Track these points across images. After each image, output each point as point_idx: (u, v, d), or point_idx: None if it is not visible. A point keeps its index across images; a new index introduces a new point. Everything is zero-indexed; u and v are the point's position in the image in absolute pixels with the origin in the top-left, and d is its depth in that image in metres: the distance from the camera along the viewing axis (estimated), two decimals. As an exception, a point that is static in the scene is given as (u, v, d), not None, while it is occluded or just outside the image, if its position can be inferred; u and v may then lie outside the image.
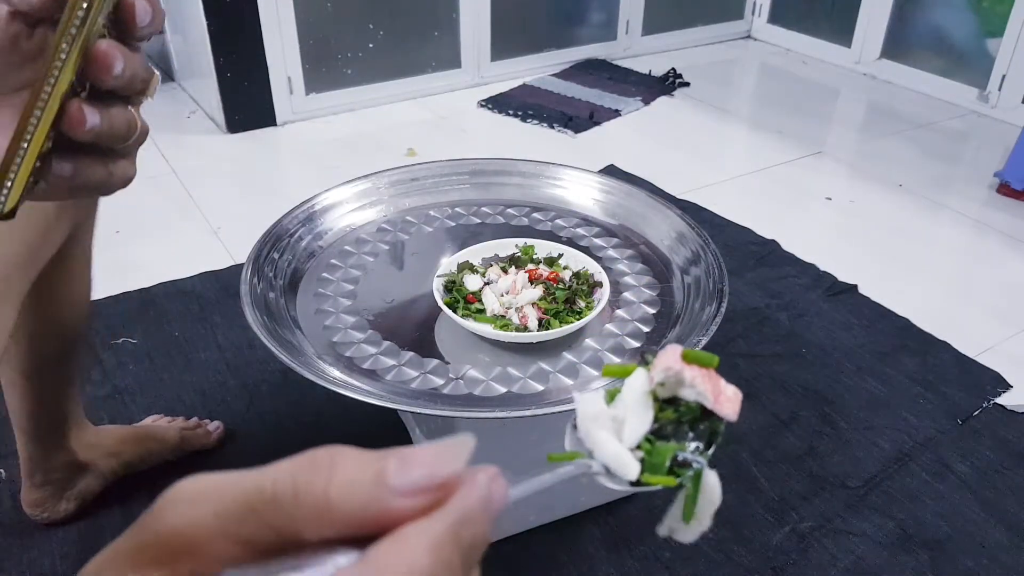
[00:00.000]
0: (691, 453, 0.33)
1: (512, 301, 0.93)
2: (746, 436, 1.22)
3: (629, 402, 0.34)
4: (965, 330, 1.48)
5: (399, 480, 0.22)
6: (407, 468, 0.22)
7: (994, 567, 1.03)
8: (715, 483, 0.34)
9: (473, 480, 0.23)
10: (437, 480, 0.22)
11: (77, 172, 0.38)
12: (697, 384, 0.34)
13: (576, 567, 1.01)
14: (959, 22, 2.60)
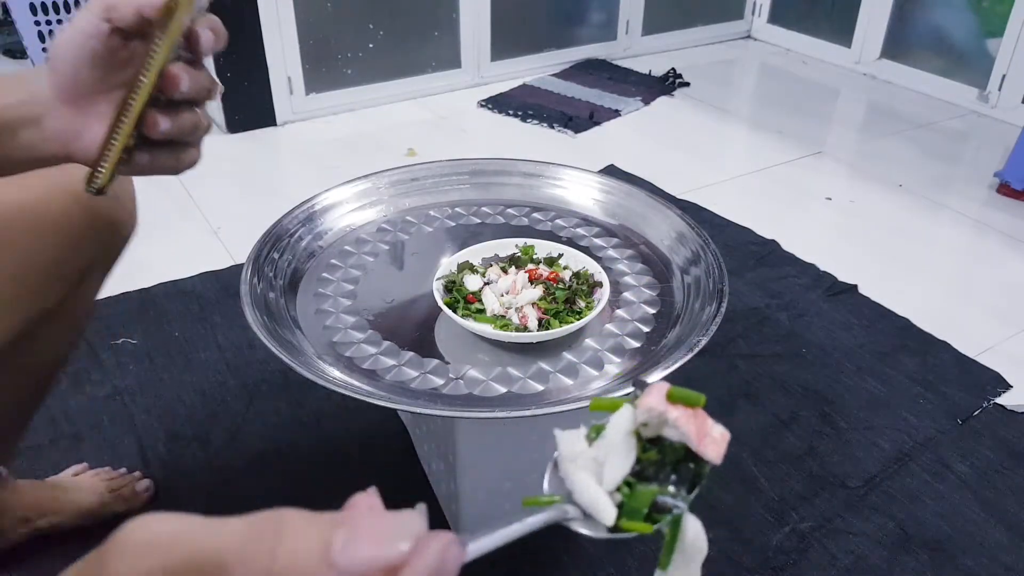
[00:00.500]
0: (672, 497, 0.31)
1: (512, 301, 0.93)
2: (746, 436, 1.22)
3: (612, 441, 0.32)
4: (965, 330, 1.48)
5: (345, 560, 0.22)
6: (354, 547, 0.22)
7: (994, 567, 1.03)
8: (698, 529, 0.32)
9: (424, 551, 0.22)
10: (383, 563, 0.22)
11: (153, 160, 0.52)
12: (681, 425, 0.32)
13: (576, 567, 1.01)
14: (959, 22, 2.60)
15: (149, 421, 1.22)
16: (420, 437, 1.12)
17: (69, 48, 0.49)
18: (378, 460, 1.16)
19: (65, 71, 0.50)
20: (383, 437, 1.19)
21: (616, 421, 0.33)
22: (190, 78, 0.49)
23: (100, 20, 0.48)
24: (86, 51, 0.49)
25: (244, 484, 1.12)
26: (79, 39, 0.49)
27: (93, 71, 0.50)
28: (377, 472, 1.14)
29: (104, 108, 0.51)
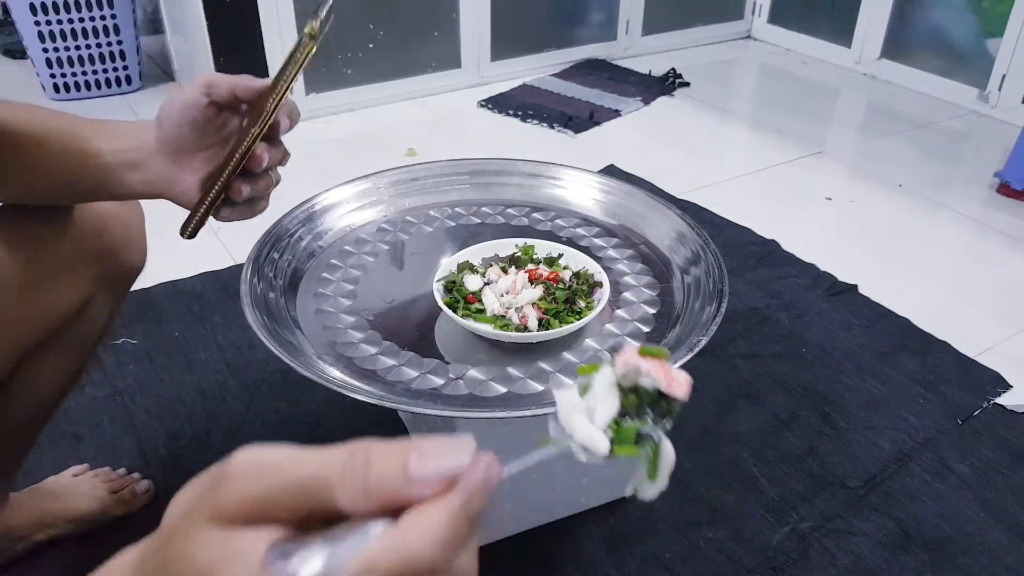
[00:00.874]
0: (651, 428, 0.41)
1: (512, 301, 0.93)
2: (746, 436, 1.22)
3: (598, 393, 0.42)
4: (965, 330, 1.48)
5: (420, 471, 0.28)
6: (425, 462, 0.28)
7: (994, 567, 1.03)
8: (670, 449, 0.41)
9: (475, 466, 0.29)
10: (448, 474, 0.28)
11: (233, 212, 0.67)
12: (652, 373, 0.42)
13: (576, 567, 1.01)
14: (959, 22, 2.60)
15: (149, 421, 1.22)
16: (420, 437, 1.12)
17: (174, 112, 0.63)
18: (378, 460, 1.16)
19: (169, 130, 0.63)
20: (383, 437, 1.19)
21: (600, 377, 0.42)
22: (270, 156, 0.64)
23: (201, 94, 0.62)
24: (187, 117, 0.63)
25: (244, 484, 1.12)
26: (183, 106, 0.63)
27: (191, 133, 0.63)
28: (377, 472, 1.14)
29: (197, 163, 0.65)
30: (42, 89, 2.44)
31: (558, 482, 1.02)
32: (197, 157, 0.65)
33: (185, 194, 0.66)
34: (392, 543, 0.27)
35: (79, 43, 2.37)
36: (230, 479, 0.29)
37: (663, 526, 1.07)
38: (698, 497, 1.11)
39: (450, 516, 0.28)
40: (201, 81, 0.63)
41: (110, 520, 1.04)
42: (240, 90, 0.63)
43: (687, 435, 1.22)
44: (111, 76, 2.47)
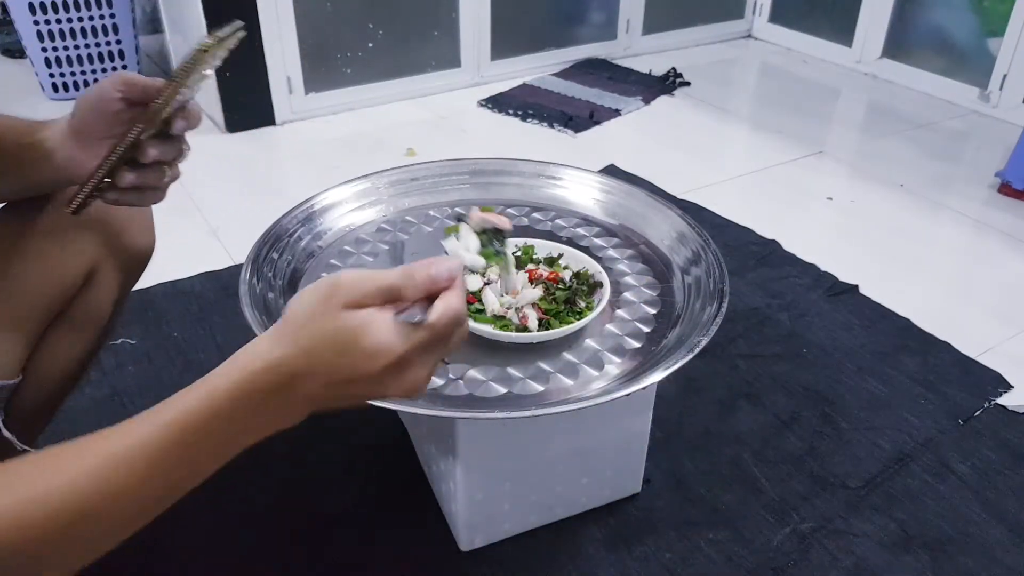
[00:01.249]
0: (499, 247, 0.78)
1: (512, 301, 0.92)
2: (746, 436, 1.22)
3: (466, 236, 0.74)
4: (966, 330, 1.48)
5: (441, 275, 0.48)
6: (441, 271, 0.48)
7: (995, 567, 1.02)
8: (512, 257, 0.81)
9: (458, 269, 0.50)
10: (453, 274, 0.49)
11: (119, 197, 0.71)
12: (490, 219, 0.76)
13: (576, 567, 1.01)
14: (960, 22, 2.60)
15: (148, 421, 1.22)
16: (420, 437, 1.12)
17: (89, 103, 0.69)
18: (378, 460, 1.16)
19: (81, 117, 0.70)
20: (383, 437, 1.19)
21: (463, 229, 0.74)
22: (160, 151, 0.68)
23: (115, 90, 0.69)
24: (99, 108, 0.69)
25: (244, 484, 1.12)
26: (97, 99, 0.69)
27: (100, 122, 0.69)
28: (377, 472, 1.14)
29: (98, 150, 0.69)
30: (41, 89, 2.44)
31: (558, 482, 1.02)
32: (98, 145, 0.70)
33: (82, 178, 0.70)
34: (444, 303, 0.48)
35: (78, 42, 2.37)
36: (344, 286, 0.46)
37: (663, 526, 1.06)
38: (698, 497, 1.11)
39: (460, 291, 0.50)
40: (119, 77, 0.69)
41: None
42: (151, 90, 0.68)
43: (687, 435, 1.22)
44: (111, 76, 2.47)
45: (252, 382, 0.45)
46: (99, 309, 0.88)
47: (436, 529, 1.05)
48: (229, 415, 0.45)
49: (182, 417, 0.44)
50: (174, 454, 0.44)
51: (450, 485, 0.98)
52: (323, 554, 1.02)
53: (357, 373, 0.46)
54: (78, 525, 0.43)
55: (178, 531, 1.05)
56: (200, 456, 0.45)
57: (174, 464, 0.44)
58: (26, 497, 0.42)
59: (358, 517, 1.07)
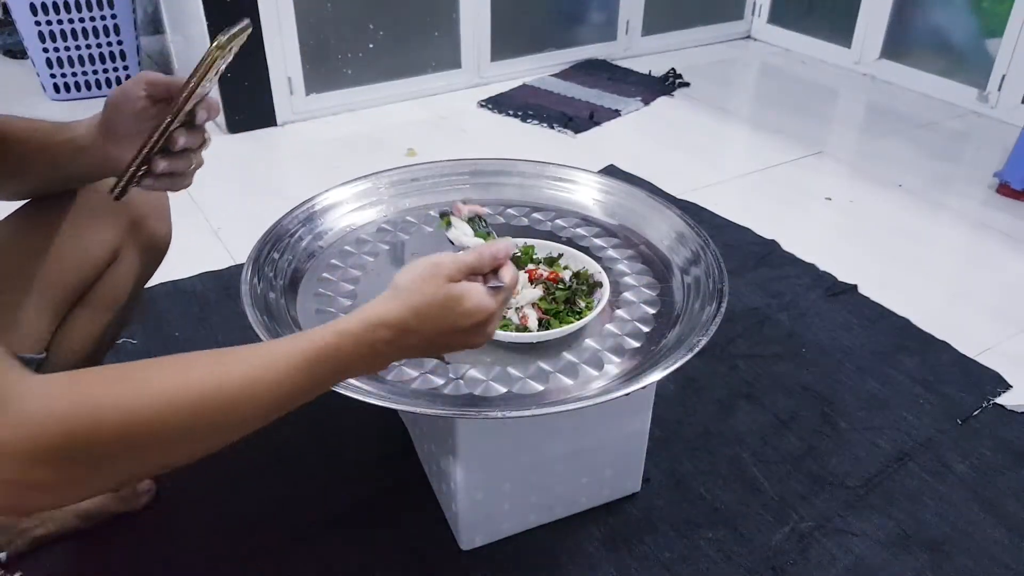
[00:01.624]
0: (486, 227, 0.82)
1: (512, 301, 0.93)
2: (746, 436, 1.22)
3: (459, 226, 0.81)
4: (965, 330, 1.48)
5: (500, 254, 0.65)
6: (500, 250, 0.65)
7: (994, 567, 1.03)
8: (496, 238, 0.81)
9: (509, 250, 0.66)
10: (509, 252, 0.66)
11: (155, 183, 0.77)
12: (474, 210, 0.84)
13: (576, 567, 1.01)
14: (959, 22, 2.60)
15: (149, 421, 1.22)
16: (420, 437, 1.12)
17: (116, 102, 0.76)
18: (378, 460, 1.16)
19: (112, 117, 0.77)
20: (383, 437, 1.19)
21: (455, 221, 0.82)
22: (186, 140, 0.74)
23: (140, 89, 0.76)
24: (127, 107, 0.76)
25: (244, 484, 1.12)
26: (124, 98, 0.76)
27: (129, 120, 0.76)
28: (377, 472, 1.14)
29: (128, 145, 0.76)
30: (42, 89, 2.44)
31: (558, 482, 1.02)
32: (129, 140, 0.76)
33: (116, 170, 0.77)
34: (510, 272, 0.65)
35: (79, 43, 2.37)
36: (445, 264, 0.61)
37: (662, 525, 1.07)
38: (697, 496, 1.12)
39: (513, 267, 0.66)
40: (142, 78, 0.76)
41: (110, 517, 1.05)
42: (174, 88, 0.75)
43: (687, 435, 1.22)
44: (111, 76, 2.47)
45: (373, 332, 0.59)
46: (118, 290, 0.94)
47: (436, 529, 1.05)
48: (349, 353, 0.58)
49: (313, 345, 0.57)
50: (303, 369, 0.56)
51: (450, 485, 0.98)
52: (323, 554, 1.02)
53: (457, 327, 0.61)
54: (222, 410, 0.54)
55: (179, 532, 1.06)
56: (319, 377, 0.58)
57: (300, 377, 0.56)
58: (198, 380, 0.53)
59: (358, 517, 1.07)
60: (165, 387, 0.52)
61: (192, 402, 0.52)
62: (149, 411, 0.51)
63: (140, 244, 0.95)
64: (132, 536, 1.04)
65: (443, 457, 0.99)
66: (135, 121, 0.76)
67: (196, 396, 0.52)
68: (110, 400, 0.50)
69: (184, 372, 0.54)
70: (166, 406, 0.51)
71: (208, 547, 1.03)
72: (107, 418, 0.49)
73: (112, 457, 0.50)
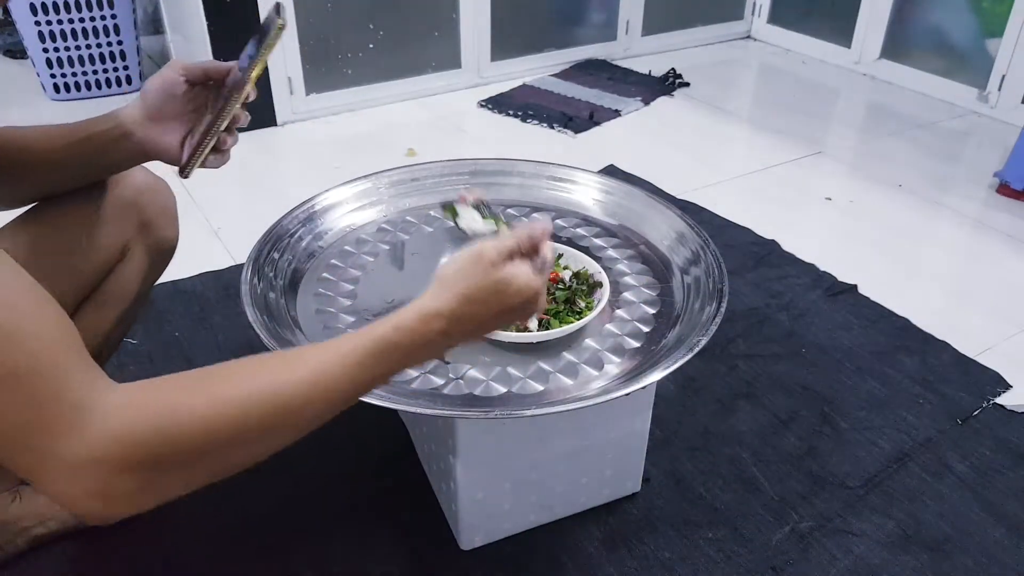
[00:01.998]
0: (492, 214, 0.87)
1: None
2: (746, 436, 1.22)
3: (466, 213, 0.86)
4: (965, 330, 1.48)
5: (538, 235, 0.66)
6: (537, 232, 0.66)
7: (994, 567, 1.03)
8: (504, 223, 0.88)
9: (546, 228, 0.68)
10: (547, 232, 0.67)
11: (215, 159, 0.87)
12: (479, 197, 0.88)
13: (576, 566, 1.01)
14: (959, 22, 2.60)
15: (149, 421, 1.22)
16: (420, 437, 1.12)
17: (156, 89, 0.82)
18: (378, 460, 1.16)
19: (153, 102, 0.82)
20: (383, 437, 1.19)
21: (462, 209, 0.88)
22: (245, 118, 0.83)
23: (178, 75, 0.82)
24: (167, 92, 0.82)
25: (244, 484, 1.12)
26: (163, 84, 0.82)
27: (170, 104, 0.83)
28: (377, 472, 1.14)
29: (175, 126, 0.84)
30: (42, 89, 2.44)
31: (558, 482, 1.02)
32: (175, 122, 0.84)
33: (168, 150, 0.84)
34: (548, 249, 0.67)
35: (79, 43, 2.37)
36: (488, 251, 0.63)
37: (662, 525, 1.07)
38: (697, 496, 1.12)
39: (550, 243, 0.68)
40: (178, 64, 0.82)
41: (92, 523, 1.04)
42: (212, 71, 0.83)
43: (687, 435, 1.22)
44: (111, 76, 2.47)
45: (428, 324, 0.61)
46: (124, 288, 0.96)
47: (436, 529, 1.05)
48: (407, 346, 0.60)
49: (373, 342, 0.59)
50: (366, 365, 0.59)
51: (450, 485, 0.98)
52: (323, 554, 1.02)
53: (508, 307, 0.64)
54: (291, 410, 0.57)
55: (179, 532, 1.06)
56: (380, 371, 0.60)
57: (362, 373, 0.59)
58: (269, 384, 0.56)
59: (358, 517, 1.07)
60: (239, 392, 0.55)
61: (263, 405, 0.55)
62: (226, 418, 0.53)
63: (148, 245, 0.98)
64: (132, 536, 1.04)
65: (443, 457, 0.99)
66: (179, 105, 0.83)
67: (268, 399, 0.55)
68: (188, 409, 0.53)
69: (254, 376, 0.57)
70: (240, 412, 0.54)
71: (208, 547, 1.03)
72: (187, 427, 0.52)
73: (191, 464, 0.53)
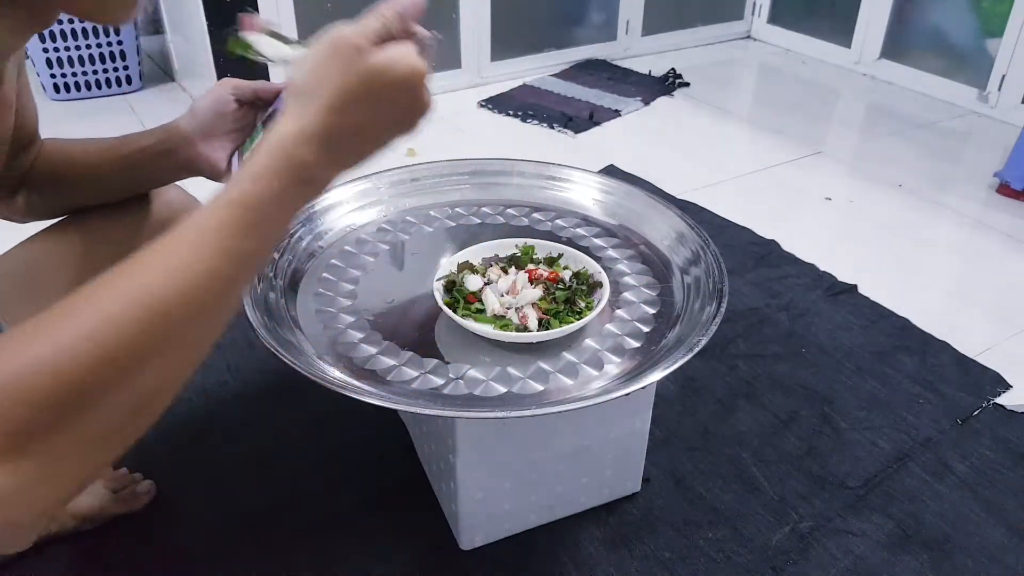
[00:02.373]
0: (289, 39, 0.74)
1: (512, 301, 0.93)
2: (746, 436, 1.22)
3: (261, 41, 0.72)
4: (965, 330, 1.48)
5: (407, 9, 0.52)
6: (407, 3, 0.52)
7: (994, 567, 1.03)
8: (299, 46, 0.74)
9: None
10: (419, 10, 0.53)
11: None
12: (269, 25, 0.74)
13: (576, 566, 1.01)
14: (959, 22, 2.60)
15: (149, 421, 1.22)
16: (420, 437, 1.12)
17: (207, 107, 0.84)
18: (378, 460, 1.16)
19: (203, 121, 0.84)
20: (383, 437, 1.19)
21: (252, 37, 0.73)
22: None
23: (228, 93, 0.84)
24: (217, 110, 0.84)
25: (244, 484, 1.12)
26: (213, 102, 0.84)
27: (219, 122, 0.84)
28: (377, 472, 1.14)
29: (222, 143, 0.85)
30: (42, 89, 2.44)
31: (558, 482, 1.02)
32: (223, 140, 0.85)
33: (215, 167, 0.85)
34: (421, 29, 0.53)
35: (79, 43, 2.37)
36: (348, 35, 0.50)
37: (662, 525, 1.07)
38: (697, 496, 1.12)
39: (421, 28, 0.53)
40: (229, 84, 0.84)
41: (109, 518, 1.05)
42: (261, 91, 0.85)
43: (687, 435, 1.22)
44: (111, 76, 2.47)
45: (292, 158, 0.48)
46: None
47: (436, 529, 1.05)
48: (277, 193, 0.48)
49: (229, 210, 0.46)
50: (235, 236, 0.46)
51: (450, 485, 0.98)
52: (323, 554, 1.02)
53: (394, 103, 0.51)
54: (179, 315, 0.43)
55: (179, 531, 1.06)
56: (257, 234, 0.47)
57: (235, 245, 0.46)
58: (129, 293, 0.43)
59: (358, 517, 1.07)
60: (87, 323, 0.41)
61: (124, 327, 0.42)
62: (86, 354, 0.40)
63: None
64: (132, 536, 1.04)
65: (443, 457, 0.99)
66: (228, 123, 0.85)
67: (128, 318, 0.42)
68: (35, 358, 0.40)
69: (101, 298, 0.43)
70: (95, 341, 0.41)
71: (208, 547, 1.03)
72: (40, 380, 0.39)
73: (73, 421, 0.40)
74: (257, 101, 0.85)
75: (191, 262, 0.44)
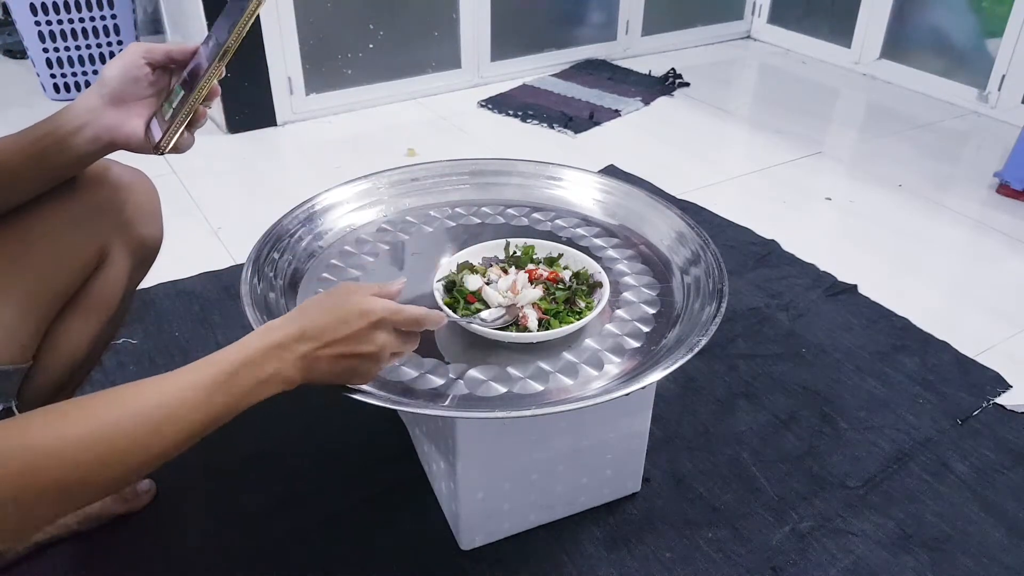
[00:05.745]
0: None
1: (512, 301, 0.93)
2: (746, 436, 1.22)
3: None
4: (965, 330, 1.48)
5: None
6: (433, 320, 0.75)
7: (994, 567, 1.03)
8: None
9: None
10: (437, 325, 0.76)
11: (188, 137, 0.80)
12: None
13: (576, 566, 1.01)
14: (959, 22, 2.60)
15: (149, 421, 1.22)
16: (420, 437, 1.12)
17: (117, 71, 0.79)
18: (378, 460, 1.16)
19: (113, 87, 0.79)
20: (383, 437, 1.19)
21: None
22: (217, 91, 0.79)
23: (140, 57, 0.80)
24: (129, 76, 0.79)
25: (244, 484, 1.12)
26: (124, 68, 0.79)
27: (132, 87, 0.80)
28: (377, 472, 1.14)
29: (137, 110, 0.80)
30: (42, 89, 2.44)
31: (558, 482, 1.02)
32: (136, 106, 0.81)
33: (132, 135, 0.80)
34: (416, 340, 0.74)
35: (79, 43, 2.37)
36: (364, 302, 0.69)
37: (662, 525, 1.07)
38: (697, 496, 1.12)
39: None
40: (139, 48, 0.81)
41: (110, 518, 1.05)
42: (175, 54, 0.81)
43: (686, 434, 1.22)
44: (111, 76, 2.47)
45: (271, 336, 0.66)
46: (108, 293, 0.92)
47: (436, 529, 1.05)
48: (258, 362, 0.65)
49: (219, 361, 0.62)
50: (216, 389, 0.61)
51: (450, 485, 0.98)
52: (323, 554, 1.02)
53: (351, 325, 0.67)
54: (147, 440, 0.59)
55: (178, 531, 1.06)
56: (235, 392, 0.63)
57: (217, 397, 0.61)
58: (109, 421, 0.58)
59: (358, 517, 1.07)
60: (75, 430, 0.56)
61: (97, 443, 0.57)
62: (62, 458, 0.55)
63: (130, 246, 0.93)
64: (132, 536, 1.04)
65: (443, 457, 0.99)
66: (141, 88, 0.81)
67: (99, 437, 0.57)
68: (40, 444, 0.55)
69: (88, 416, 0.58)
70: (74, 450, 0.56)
71: (208, 547, 1.03)
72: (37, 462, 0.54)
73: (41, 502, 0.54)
74: (171, 64, 0.81)
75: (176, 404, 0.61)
